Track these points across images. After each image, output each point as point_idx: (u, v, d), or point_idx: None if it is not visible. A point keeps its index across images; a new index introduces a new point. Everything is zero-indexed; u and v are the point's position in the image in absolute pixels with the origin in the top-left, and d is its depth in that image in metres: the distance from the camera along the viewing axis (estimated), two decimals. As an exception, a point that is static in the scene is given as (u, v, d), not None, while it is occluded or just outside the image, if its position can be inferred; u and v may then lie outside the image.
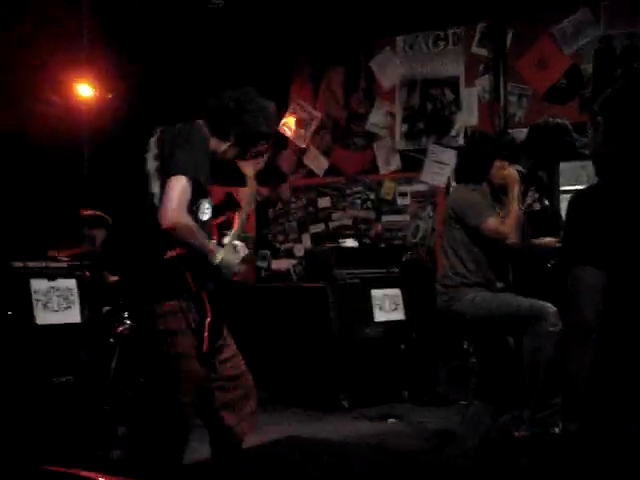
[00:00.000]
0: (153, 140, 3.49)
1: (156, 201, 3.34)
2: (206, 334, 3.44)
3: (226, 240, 3.63)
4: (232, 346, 3.69)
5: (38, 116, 6.94)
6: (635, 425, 2.21)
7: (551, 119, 5.32)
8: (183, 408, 3.41)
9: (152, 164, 3.42)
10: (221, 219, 3.67)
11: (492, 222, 4.49)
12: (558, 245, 4.98)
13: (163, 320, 3.37)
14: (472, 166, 4.70)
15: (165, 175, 3.32)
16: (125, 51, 7.56)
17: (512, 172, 4.60)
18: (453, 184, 7.28)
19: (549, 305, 4.42)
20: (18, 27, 6.85)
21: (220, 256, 3.44)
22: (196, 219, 3.40)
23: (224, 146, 3.56)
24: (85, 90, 7.25)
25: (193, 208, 3.40)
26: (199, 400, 3.47)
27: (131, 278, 3.62)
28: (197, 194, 3.38)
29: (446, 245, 4.72)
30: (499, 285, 4.61)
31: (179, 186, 3.26)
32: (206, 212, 3.49)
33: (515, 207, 4.53)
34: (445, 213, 4.83)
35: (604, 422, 2.24)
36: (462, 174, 4.80)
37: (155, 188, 3.38)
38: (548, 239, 5.07)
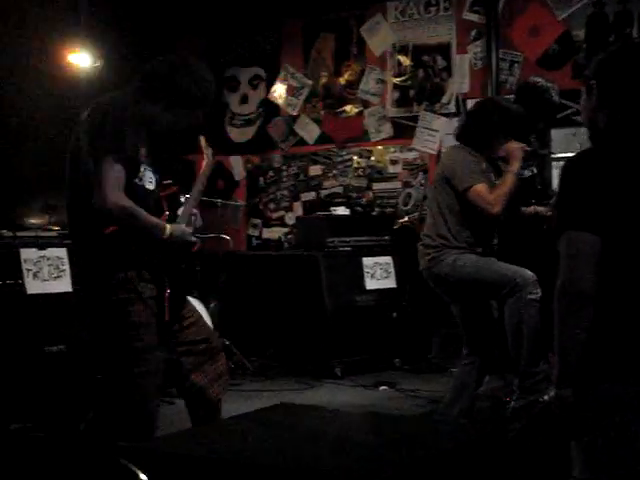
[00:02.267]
0: (84, 115, 3.42)
1: (92, 178, 3.28)
2: (166, 304, 3.44)
3: (181, 210, 3.62)
4: (195, 312, 3.70)
5: (28, 86, 6.87)
6: (619, 385, 2.22)
7: (532, 78, 5.29)
8: (140, 377, 3.40)
9: (84, 140, 3.35)
10: (172, 189, 3.63)
11: (479, 188, 4.43)
12: (549, 214, 4.97)
13: (114, 292, 3.35)
14: (475, 131, 4.62)
15: (95, 156, 3.27)
16: (116, 19, 7.49)
17: (515, 147, 4.55)
18: (444, 149, 7.27)
19: (529, 272, 4.41)
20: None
21: (168, 230, 3.40)
22: (143, 190, 3.37)
23: (156, 111, 3.46)
24: (76, 59, 7.16)
25: (135, 180, 3.35)
26: (160, 370, 3.46)
27: (77, 253, 3.60)
28: (134, 167, 3.33)
29: (432, 204, 4.67)
30: (479, 250, 4.59)
31: (108, 167, 3.22)
32: (152, 180, 3.44)
33: (509, 180, 4.48)
34: (436, 171, 4.78)
35: (595, 386, 2.25)
36: (464, 136, 4.72)
37: (90, 164, 3.31)
38: (539, 208, 5.04)
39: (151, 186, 3.42)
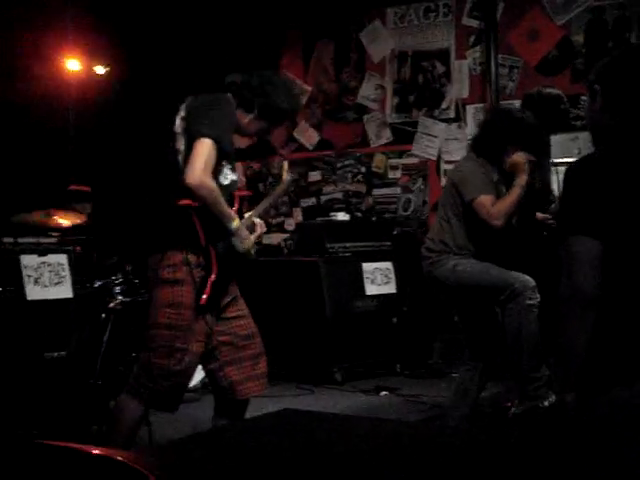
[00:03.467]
0: (183, 105, 3.62)
1: (180, 157, 3.49)
2: (207, 290, 3.52)
3: (247, 215, 3.79)
4: (244, 309, 3.81)
5: (25, 91, 6.87)
6: (622, 390, 2.21)
7: (543, 89, 5.28)
8: (179, 352, 3.51)
9: (179, 124, 3.56)
10: (245, 193, 3.80)
11: (484, 200, 4.43)
12: (550, 222, 4.96)
13: (169, 270, 3.49)
14: (487, 142, 4.61)
15: (193, 136, 3.46)
16: (113, 25, 7.49)
17: (519, 159, 4.51)
18: (444, 157, 7.29)
19: (528, 278, 4.42)
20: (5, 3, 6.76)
21: (236, 223, 3.57)
22: (217, 183, 3.52)
23: (248, 118, 3.71)
24: (73, 65, 7.18)
25: (215, 172, 3.52)
26: (199, 352, 3.58)
27: (140, 227, 3.74)
28: (220, 158, 3.52)
29: (441, 209, 4.69)
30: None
31: (206, 148, 3.42)
32: (227, 177, 3.62)
33: (514, 194, 4.46)
34: (447, 178, 4.81)
35: (599, 392, 2.24)
36: (476, 146, 4.72)
37: (180, 145, 3.52)
38: (539, 215, 5.03)
39: (225, 182, 3.60)
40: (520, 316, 4.35)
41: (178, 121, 3.58)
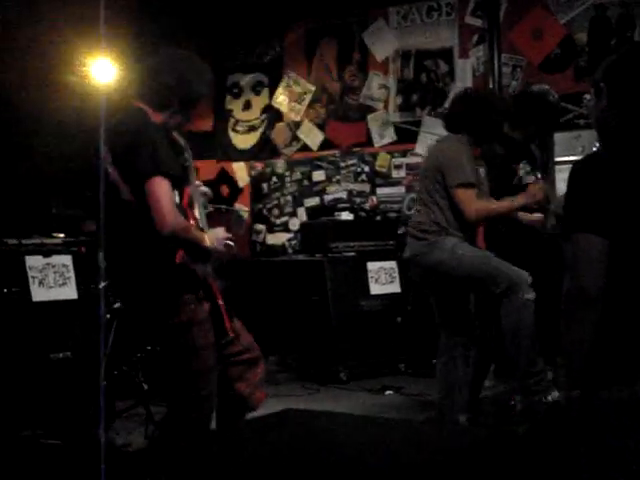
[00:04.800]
0: (104, 147, 3.34)
1: (135, 208, 3.23)
2: (224, 313, 3.44)
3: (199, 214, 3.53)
4: (237, 322, 3.67)
5: (57, 97, 6.86)
6: (627, 388, 2.21)
7: (529, 86, 5.22)
8: (206, 400, 3.39)
9: (114, 172, 3.28)
10: (186, 197, 3.53)
11: (470, 191, 4.35)
12: (552, 224, 4.91)
13: (185, 312, 3.31)
14: (478, 120, 4.49)
15: (138, 181, 3.20)
16: (143, 29, 7.47)
17: (539, 186, 4.52)
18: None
19: (525, 273, 4.37)
20: (37, 7, 6.75)
21: (207, 239, 3.37)
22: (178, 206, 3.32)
23: (167, 115, 3.43)
24: (105, 71, 7.13)
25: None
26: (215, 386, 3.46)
27: (142, 283, 3.40)
28: (175, 187, 3.29)
29: (424, 193, 4.56)
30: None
31: (161, 189, 3.16)
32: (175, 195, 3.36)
33: (505, 207, 4.45)
34: (429, 161, 4.66)
35: (604, 388, 2.24)
36: (454, 123, 4.61)
37: (126, 195, 3.26)
38: (536, 215, 4.92)
39: (178, 199, 3.36)
40: (519, 312, 4.30)
41: (110, 169, 3.29)
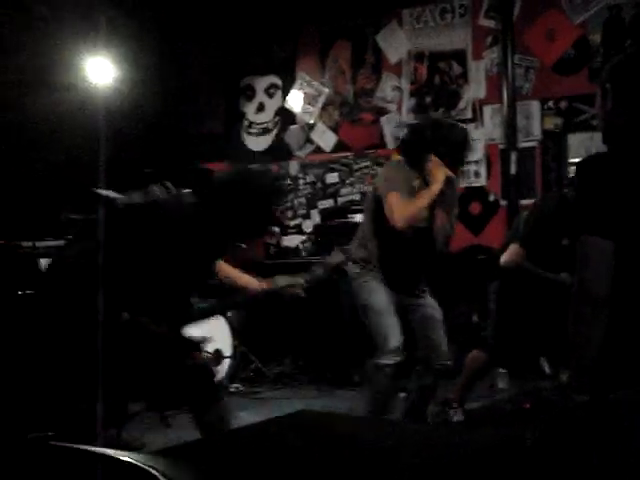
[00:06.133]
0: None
1: None
2: None
3: None
4: None
5: (55, 101, 6.90)
6: (635, 390, 2.20)
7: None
8: None
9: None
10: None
11: (396, 196, 4.19)
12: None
13: None
14: (411, 146, 4.44)
15: None
16: (141, 32, 7.51)
17: (439, 172, 4.24)
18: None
19: (395, 337, 4.40)
20: (34, 10, 6.79)
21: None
22: None
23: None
24: (103, 73, 7.17)
25: None
26: None
27: None
28: None
29: (365, 217, 4.58)
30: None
31: None
32: None
33: (423, 199, 4.21)
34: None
35: (612, 393, 2.24)
36: (403, 149, 4.60)
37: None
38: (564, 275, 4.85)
39: None
40: (372, 374, 4.40)
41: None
